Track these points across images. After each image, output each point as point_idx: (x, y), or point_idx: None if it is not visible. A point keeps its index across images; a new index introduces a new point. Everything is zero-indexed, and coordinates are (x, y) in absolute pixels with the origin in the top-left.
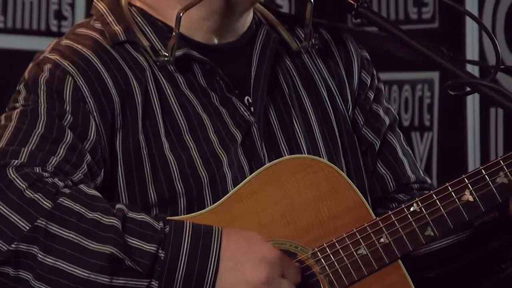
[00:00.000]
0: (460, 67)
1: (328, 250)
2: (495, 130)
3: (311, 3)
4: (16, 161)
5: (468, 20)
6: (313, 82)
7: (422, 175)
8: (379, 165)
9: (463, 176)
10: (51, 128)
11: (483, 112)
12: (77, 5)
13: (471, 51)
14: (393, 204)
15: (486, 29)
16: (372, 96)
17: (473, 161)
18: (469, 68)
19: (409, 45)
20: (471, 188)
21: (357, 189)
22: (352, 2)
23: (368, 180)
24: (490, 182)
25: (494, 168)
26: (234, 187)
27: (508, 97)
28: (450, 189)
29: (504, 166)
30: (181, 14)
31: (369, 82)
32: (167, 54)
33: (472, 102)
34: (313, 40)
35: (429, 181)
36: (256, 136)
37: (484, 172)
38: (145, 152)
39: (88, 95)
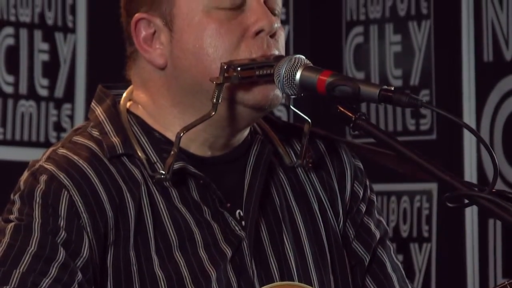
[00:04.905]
0: (458, 179)
1: None
2: (493, 242)
3: (309, 123)
4: (7, 287)
5: (466, 132)
6: (305, 195)
7: None
8: (368, 281)
9: None
10: (44, 246)
11: (481, 224)
12: (76, 117)
13: (469, 163)
14: None
15: (484, 142)
16: (364, 209)
17: (472, 273)
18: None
19: (407, 157)
20: None
21: None
22: (350, 114)
23: None
24: None
25: None
26: None
27: (506, 210)
28: None
29: None
30: (181, 134)
31: (361, 193)
32: (164, 172)
33: (471, 214)
34: (307, 159)
35: None
36: (246, 252)
37: None
38: (135, 269)
39: (82, 210)
